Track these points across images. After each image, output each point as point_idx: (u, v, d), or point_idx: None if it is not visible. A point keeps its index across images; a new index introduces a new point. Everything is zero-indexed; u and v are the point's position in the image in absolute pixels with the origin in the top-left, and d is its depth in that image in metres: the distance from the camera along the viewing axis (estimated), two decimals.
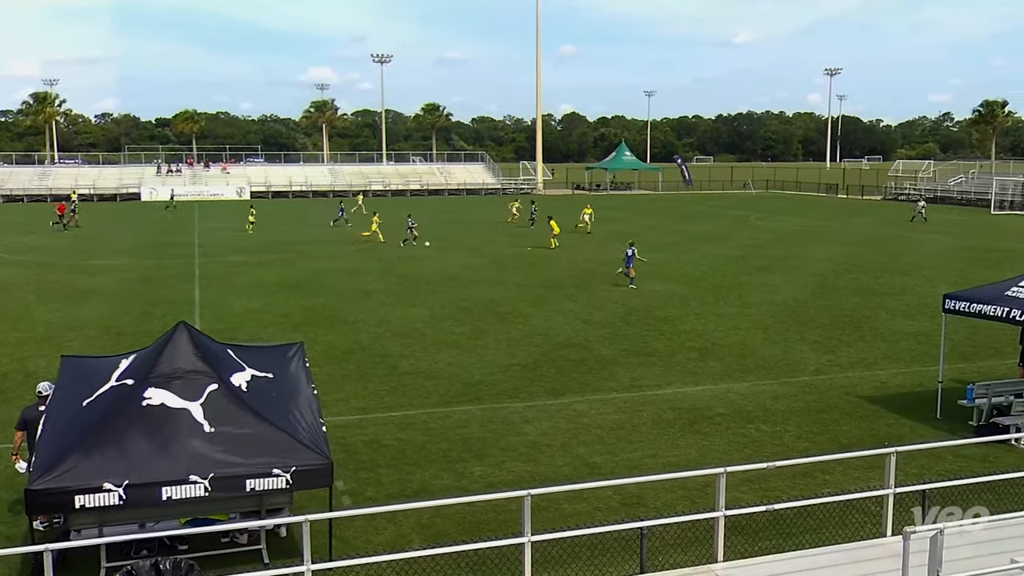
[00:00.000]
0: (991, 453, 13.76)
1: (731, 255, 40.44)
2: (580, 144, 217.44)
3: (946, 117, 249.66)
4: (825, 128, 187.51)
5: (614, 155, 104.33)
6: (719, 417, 16.45)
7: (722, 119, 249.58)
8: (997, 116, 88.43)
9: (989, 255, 40.47)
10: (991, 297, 15.64)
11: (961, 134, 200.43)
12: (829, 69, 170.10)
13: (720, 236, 49.26)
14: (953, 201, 76.93)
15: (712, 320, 25.32)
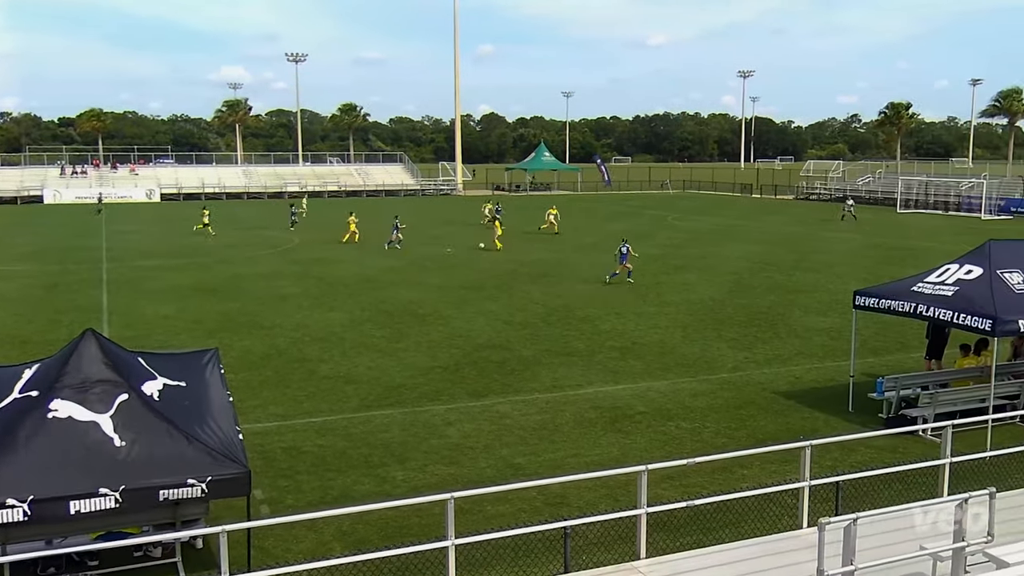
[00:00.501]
0: (900, 444, 14.27)
1: (650, 254, 41.02)
2: (499, 145, 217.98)
3: (854, 119, 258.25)
4: (739, 129, 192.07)
5: (533, 156, 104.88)
6: (640, 415, 16.67)
7: (639, 120, 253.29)
8: (902, 118, 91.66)
9: (895, 252, 41.99)
10: (898, 293, 16.24)
11: (868, 135, 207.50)
12: (742, 71, 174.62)
13: (639, 235, 49.89)
14: (861, 200, 79.45)
15: (632, 319, 25.66)
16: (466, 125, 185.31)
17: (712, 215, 65.60)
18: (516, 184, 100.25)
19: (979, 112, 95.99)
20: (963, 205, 69.02)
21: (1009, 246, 16.45)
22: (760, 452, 11.73)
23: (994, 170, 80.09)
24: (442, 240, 46.49)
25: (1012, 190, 70.07)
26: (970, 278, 15.40)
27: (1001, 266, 15.37)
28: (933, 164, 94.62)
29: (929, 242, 46.48)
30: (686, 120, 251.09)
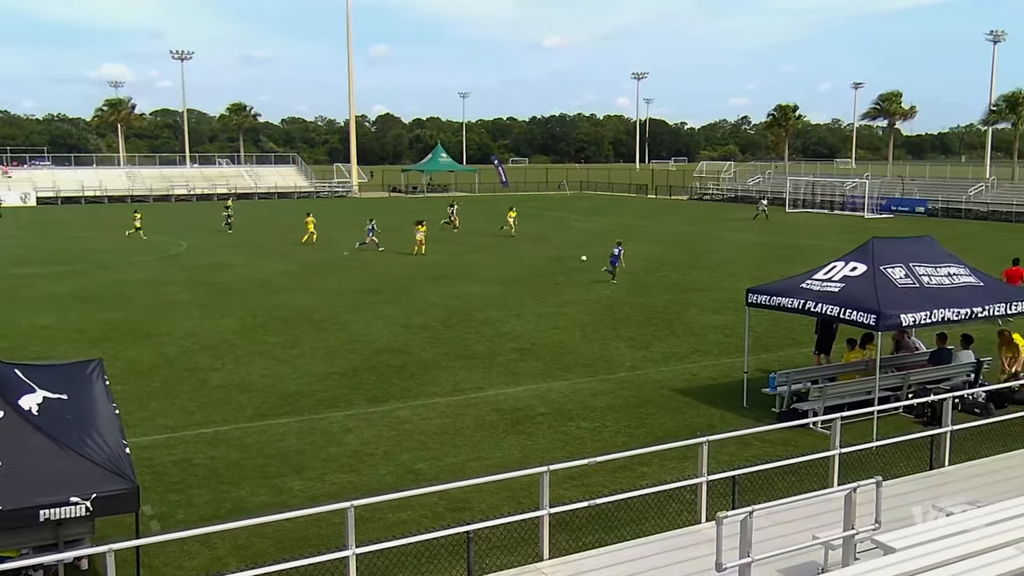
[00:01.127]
0: (792, 437, 14.78)
1: (549, 255, 41.43)
2: (395, 146, 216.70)
3: (744, 120, 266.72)
4: (634, 130, 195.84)
5: (430, 157, 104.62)
6: (541, 416, 16.80)
7: (536, 121, 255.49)
8: (789, 119, 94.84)
9: (785, 251, 43.51)
10: (788, 290, 16.83)
11: (758, 136, 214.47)
12: (636, 73, 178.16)
13: (538, 237, 50.37)
14: (752, 200, 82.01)
15: (531, 320, 25.84)
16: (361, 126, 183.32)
17: (609, 216, 66.63)
18: (413, 186, 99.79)
19: (861, 114, 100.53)
20: (847, 204, 72.04)
21: (891, 243, 17.25)
22: (659, 450, 11.96)
23: (876, 170, 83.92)
24: (338, 243, 45.88)
25: (892, 190, 73.48)
26: (855, 275, 16.08)
27: (884, 262, 16.09)
28: (819, 165, 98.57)
29: (817, 240, 48.31)
30: (582, 121, 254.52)
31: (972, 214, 65.22)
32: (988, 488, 11.01)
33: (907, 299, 15.43)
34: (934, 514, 9.43)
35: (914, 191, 72.36)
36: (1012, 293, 16.82)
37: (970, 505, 9.36)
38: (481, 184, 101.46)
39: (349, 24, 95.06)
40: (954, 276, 16.39)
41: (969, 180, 73.24)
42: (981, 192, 68.10)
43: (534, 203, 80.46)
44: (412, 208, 57.80)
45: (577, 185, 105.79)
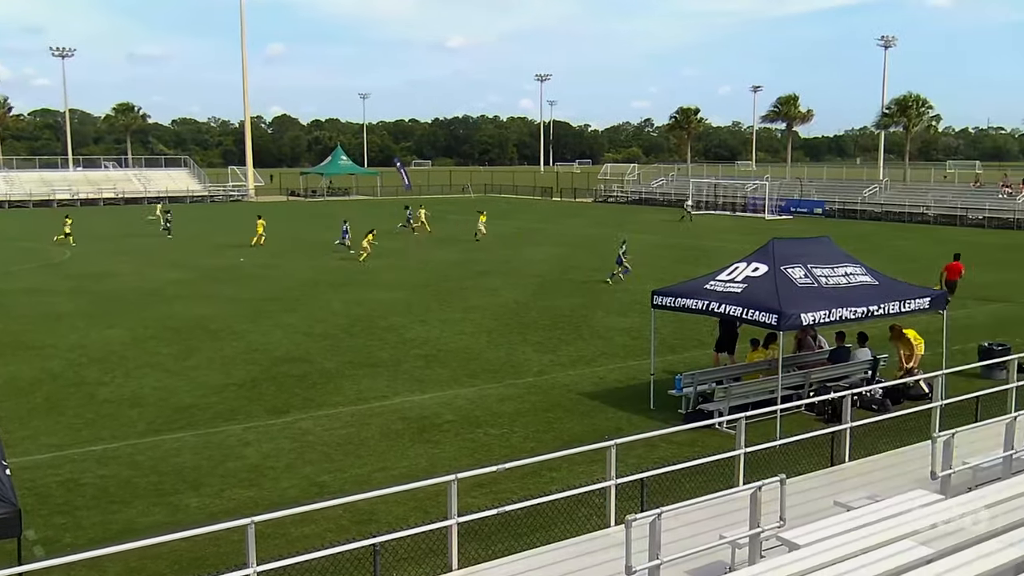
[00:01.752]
0: (699, 438, 15.11)
1: (453, 259, 41.41)
2: (293, 148, 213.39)
3: (647, 123, 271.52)
4: (538, 132, 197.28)
5: (330, 159, 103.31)
6: (448, 424, 16.76)
7: (439, 123, 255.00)
8: (691, 122, 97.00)
9: (689, 252, 44.51)
10: (692, 291, 17.22)
11: (661, 139, 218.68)
12: (539, 75, 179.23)
13: (442, 241, 50.29)
14: (656, 202, 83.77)
15: (437, 326, 25.78)
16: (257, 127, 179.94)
17: (514, 219, 66.98)
18: (312, 189, 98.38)
19: (760, 117, 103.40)
20: (749, 206, 74.16)
21: (790, 244, 17.83)
22: (568, 454, 12.08)
23: (775, 172, 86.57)
24: (234, 250, 44.90)
25: (791, 191, 75.95)
26: (757, 275, 16.56)
27: (784, 263, 16.62)
28: (721, 167, 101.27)
29: (720, 242, 49.56)
30: (486, 123, 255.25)
31: (867, 215, 67.91)
32: (886, 482, 11.47)
33: (807, 299, 15.97)
34: (836, 509, 9.76)
35: (812, 193, 74.95)
36: (906, 291, 17.56)
37: (869, 499, 9.73)
38: (383, 187, 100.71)
39: (243, 21, 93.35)
40: (851, 276, 17.04)
41: (864, 182, 76.26)
42: (875, 193, 70.99)
43: (438, 206, 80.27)
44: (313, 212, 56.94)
45: (481, 188, 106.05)
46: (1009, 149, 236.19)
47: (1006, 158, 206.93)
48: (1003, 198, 63.01)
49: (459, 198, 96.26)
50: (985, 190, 67.13)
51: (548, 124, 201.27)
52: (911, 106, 76.29)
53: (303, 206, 75.68)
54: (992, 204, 62.25)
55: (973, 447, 11.40)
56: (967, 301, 28.61)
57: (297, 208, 69.92)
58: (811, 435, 13.39)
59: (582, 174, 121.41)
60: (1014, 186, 64.25)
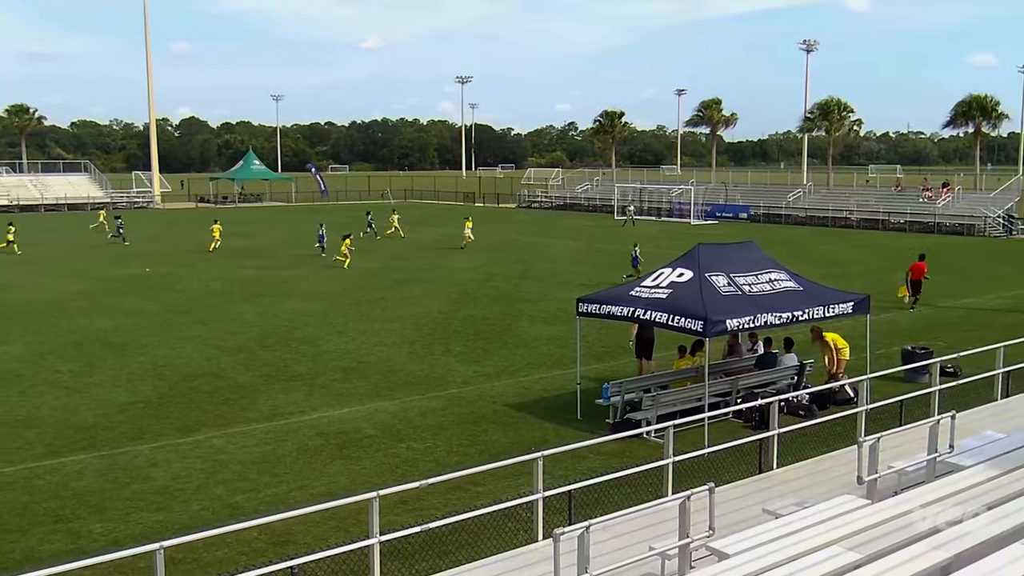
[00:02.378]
0: (627, 448, 15.27)
1: (372, 268, 41.11)
2: (202, 152, 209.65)
3: (571, 126, 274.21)
4: (459, 136, 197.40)
5: (241, 164, 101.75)
6: (368, 439, 16.62)
7: (356, 126, 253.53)
8: (615, 126, 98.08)
9: (614, 258, 44.95)
10: (618, 298, 17.42)
11: (585, 143, 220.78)
12: (460, 77, 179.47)
13: (360, 249, 49.82)
14: (581, 208, 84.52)
15: (356, 337, 25.55)
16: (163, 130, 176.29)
17: (436, 225, 66.84)
18: (223, 195, 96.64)
19: (685, 121, 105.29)
20: (674, 211, 75.35)
21: (714, 250, 18.17)
22: (493, 467, 12.07)
23: (700, 177, 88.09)
24: (141, 259, 43.84)
25: (717, 196, 77.43)
26: (682, 281, 16.84)
27: (708, 269, 16.94)
28: (646, 172, 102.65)
29: (646, 247, 50.17)
30: (405, 127, 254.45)
31: (792, 219, 69.61)
32: (814, 488, 11.75)
33: (732, 304, 16.30)
34: (764, 517, 9.96)
35: (737, 197, 76.52)
36: (830, 296, 18.05)
37: (797, 506, 9.95)
38: (298, 193, 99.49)
39: (147, 17, 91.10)
40: (775, 282, 17.43)
41: (788, 186, 78.14)
42: (799, 198, 72.82)
43: (355, 213, 79.60)
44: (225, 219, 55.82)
45: (401, 194, 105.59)
46: (929, 153, 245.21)
47: (926, 162, 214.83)
48: (923, 202, 65.28)
49: (378, 204, 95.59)
50: (906, 194, 69.45)
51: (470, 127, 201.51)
52: (833, 110, 78.51)
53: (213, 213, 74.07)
54: (913, 208, 64.46)
55: (898, 451, 11.76)
56: (890, 305, 29.52)
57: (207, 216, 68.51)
58: (739, 443, 13.63)
59: (505, 179, 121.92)
60: (934, 190, 66.61)
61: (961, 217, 61.25)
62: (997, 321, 27.81)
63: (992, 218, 59.67)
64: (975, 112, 71.63)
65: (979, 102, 71.32)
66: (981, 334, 24.45)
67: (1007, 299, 32.49)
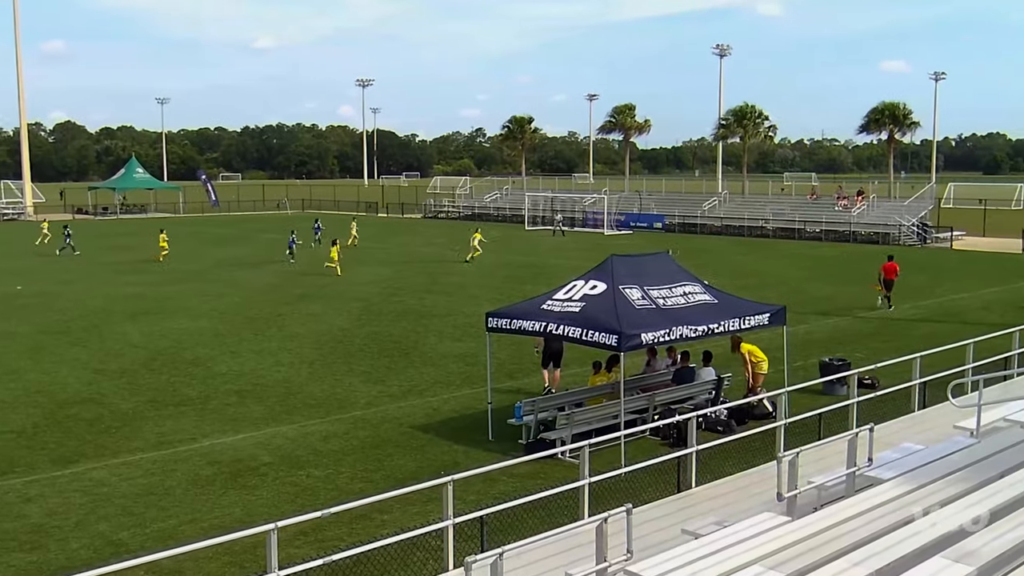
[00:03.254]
0: (541, 469, 15.32)
1: (268, 283, 40.51)
2: (80, 159, 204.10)
3: (479, 132, 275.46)
4: (361, 142, 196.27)
5: (123, 172, 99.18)
6: (265, 467, 16.35)
7: (249, 132, 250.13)
8: (525, 132, 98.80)
9: (525, 270, 45.27)
10: (529, 312, 17.51)
11: (494, 150, 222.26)
12: (361, 80, 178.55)
13: (255, 262, 49.13)
14: (491, 218, 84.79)
15: (251, 358, 25.14)
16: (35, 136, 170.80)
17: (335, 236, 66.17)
18: (103, 206, 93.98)
19: (597, 128, 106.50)
20: (587, 221, 76.22)
21: (628, 261, 18.44)
22: (400, 494, 11.97)
23: (613, 185, 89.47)
24: (12, 276, 42.29)
25: (631, 205, 78.63)
26: (595, 293, 17.03)
27: (622, 281, 17.17)
28: (557, 180, 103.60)
29: (557, 259, 50.66)
30: (302, 132, 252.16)
31: (707, 228, 71.15)
32: (733, 506, 11.97)
33: (646, 318, 16.55)
34: (684, 538, 10.10)
35: (651, 206, 77.82)
36: (745, 308, 18.49)
37: (717, 525, 10.12)
38: (187, 203, 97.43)
39: (16, 13, 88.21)
40: (689, 295, 17.79)
41: (703, 195, 79.90)
42: (715, 207, 74.47)
43: (250, 224, 78.39)
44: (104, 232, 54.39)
45: (299, 203, 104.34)
46: (843, 161, 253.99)
47: (840, 170, 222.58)
48: (839, 210, 67.44)
49: (274, 215, 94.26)
50: (821, 202, 71.63)
51: (372, 134, 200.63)
52: (747, 117, 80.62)
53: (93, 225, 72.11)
54: (828, 216, 66.52)
55: (818, 465, 12.08)
56: (807, 316, 30.39)
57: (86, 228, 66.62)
58: (657, 461, 13.82)
59: (410, 188, 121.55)
60: (849, 198, 68.89)
61: (876, 226, 63.48)
62: (913, 331, 28.86)
63: (907, 226, 61.98)
64: (887, 120, 74.34)
65: (891, 109, 74.04)
66: (897, 344, 25.34)
67: (923, 309, 33.76)
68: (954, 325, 29.13)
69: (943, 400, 15.16)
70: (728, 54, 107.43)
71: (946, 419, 14.68)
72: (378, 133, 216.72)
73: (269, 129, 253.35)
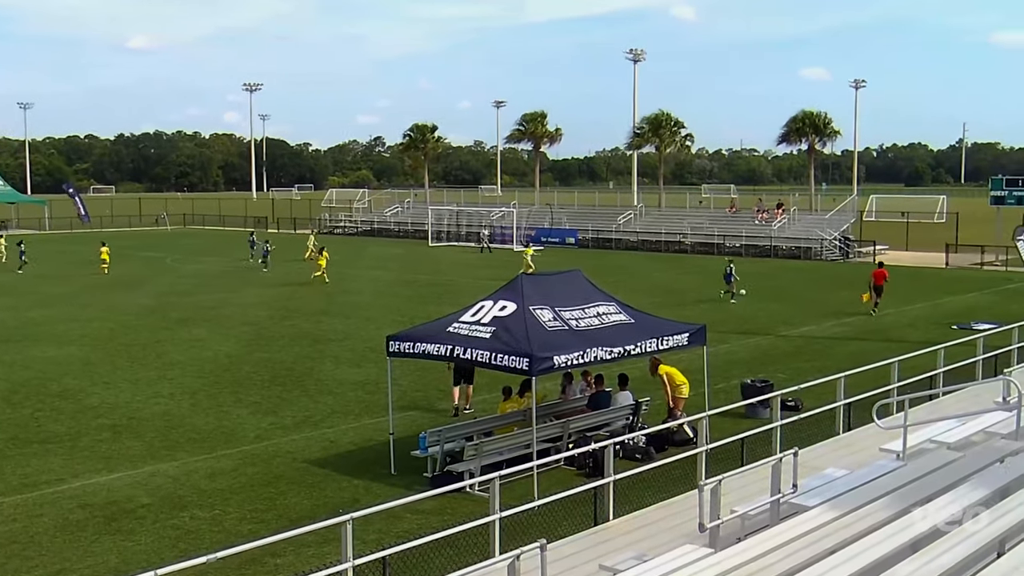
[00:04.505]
0: (448, 504, 15.28)
1: (145, 306, 39.66)
2: None
3: (378, 141, 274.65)
4: (249, 152, 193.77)
5: None
6: (143, 509, 16.00)
7: (124, 140, 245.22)
8: (428, 141, 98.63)
9: (430, 289, 45.23)
10: (434, 335, 17.48)
11: (394, 160, 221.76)
12: (248, 84, 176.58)
13: (130, 283, 48.04)
14: (391, 233, 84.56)
15: (127, 389, 24.58)
16: None
17: (221, 255, 65.24)
18: None
19: (505, 136, 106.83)
20: (496, 236, 76.49)
21: (539, 280, 18.62)
22: (294, 535, 11.80)
23: (523, 198, 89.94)
24: None
25: (541, 219, 79.23)
26: (505, 315, 17.09)
27: (533, 301, 17.28)
28: (463, 192, 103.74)
29: (464, 277, 50.75)
30: (183, 141, 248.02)
31: (623, 244, 72.11)
32: (654, 539, 12.13)
33: (558, 340, 16.67)
34: (602, 574, 10.18)
35: (564, 221, 78.55)
36: (663, 328, 18.76)
37: (637, 559, 10.23)
38: (53, 218, 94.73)
39: None
40: (604, 316, 17.98)
41: (618, 208, 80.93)
42: (630, 221, 75.54)
43: (124, 241, 76.58)
44: None
45: (180, 219, 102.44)
46: (763, 172, 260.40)
47: (760, 181, 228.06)
48: (759, 224, 69.08)
49: (152, 231, 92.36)
50: (741, 216, 73.29)
51: (260, 142, 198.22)
52: (663, 125, 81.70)
53: None
54: (749, 231, 68.10)
55: (741, 493, 12.30)
56: (728, 335, 31.00)
57: None
58: (572, 492, 13.91)
59: (303, 201, 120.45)
60: (769, 211, 70.63)
61: (797, 240, 65.23)
62: (837, 350, 29.68)
63: (828, 240, 63.80)
64: (808, 129, 76.34)
65: (811, 118, 76.08)
66: (821, 364, 26.02)
67: (846, 326, 34.75)
68: (879, 343, 30.06)
69: (868, 422, 15.63)
70: (642, 59, 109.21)
71: (872, 441, 15.14)
72: (268, 142, 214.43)
73: (146, 137, 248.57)
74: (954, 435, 13.63)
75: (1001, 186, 64.09)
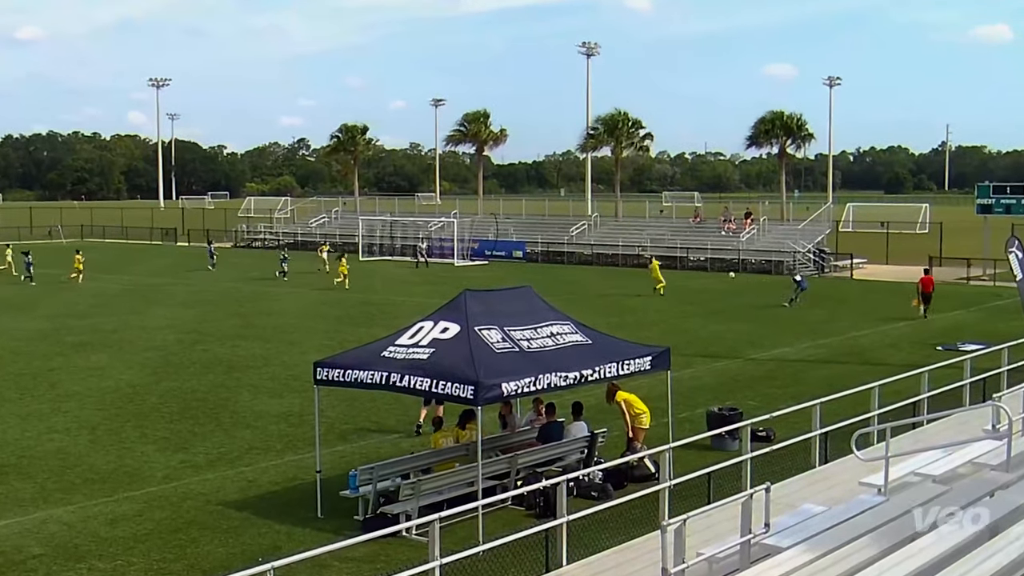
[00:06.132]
0: (383, 550, 15.20)
1: (37, 329, 39.09)
2: None
3: (302, 144, 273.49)
4: (155, 156, 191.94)
5: None
6: (34, 560, 15.79)
7: (11, 142, 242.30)
8: (358, 144, 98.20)
9: (361, 309, 45.05)
10: (366, 361, 17.39)
11: (320, 165, 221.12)
12: (155, 80, 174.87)
13: (18, 305, 47.32)
14: (315, 246, 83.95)
15: (14, 424, 24.23)
16: None
17: (124, 272, 64.57)
18: None
19: (444, 138, 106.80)
20: (434, 249, 76.41)
21: (485, 297, 18.58)
22: None
23: (465, 207, 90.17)
24: None
25: (485, 230, 79.28)
26: (447, 337, 17.06)
27: (478, 322, 17.26)
28: (398, 201, 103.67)
29: (400, 295, 50.62)
30: (80, 143, 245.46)
31: (576, 257, 72.41)
32: None
33: (508, 364, 16.67)
34: None
35: (510, 232, 78.63)
36: (624, 350, 18.85)
37: None
38: None
39: None
40: (558, 336, 18.01)
41: (570, 218, 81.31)
42: (584, 232, 75.85)
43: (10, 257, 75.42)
44: None
45: (77, 230, 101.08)
46: (729, 178, 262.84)
47: (727, 188, 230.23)
48: (726, 235, 69.71)
49: (44, 244, 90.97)
50: (706, 226, 73.96)
51: (169, 145, 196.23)
52: (620, 126, 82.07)
53: None
54: (714, 243, 68.63)
55: (707, 534, 12.37)
56: (692, 358, 31.21)
57: None
58: (520, 535, 13.90)
59: (217, 210, 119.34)
60: (736, 221, 71.28)
61: (768, 252, 65.84)
62: (812, 374, 30.03)
63: (802, 253, 64.50)
64: (779, 131, 77.31)
65: (782, 120, 77.05)
66: (795, 390, 26.30)
67: (822, 348, 35.19)
68: (857, 366, 30.45)
69: (847, 453, 15.79)
70: (596, 53, 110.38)
71: (850, 474, 15.28)
72: (177, 144, 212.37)
73: (38, 139, 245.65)
74: (940, 467, 13.80)
75: (988, 193, 64.63)
